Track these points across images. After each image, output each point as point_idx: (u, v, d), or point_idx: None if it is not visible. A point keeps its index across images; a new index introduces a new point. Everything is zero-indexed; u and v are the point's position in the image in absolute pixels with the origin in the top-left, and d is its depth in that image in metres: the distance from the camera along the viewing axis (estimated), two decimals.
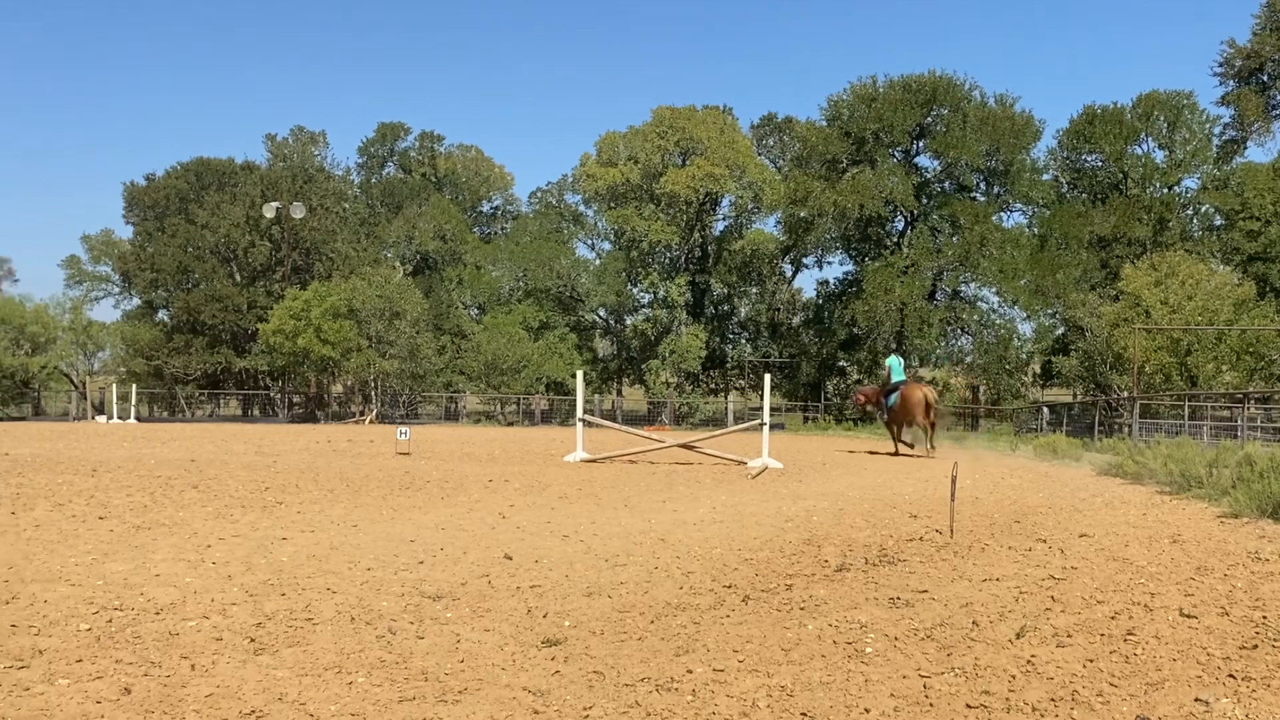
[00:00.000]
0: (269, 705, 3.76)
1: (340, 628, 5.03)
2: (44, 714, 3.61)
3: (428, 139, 73.01)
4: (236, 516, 9.37)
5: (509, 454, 20.84)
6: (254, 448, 21.79)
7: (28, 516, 9.05)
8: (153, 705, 3.73)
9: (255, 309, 54.17)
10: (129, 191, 60.53)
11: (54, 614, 5.19)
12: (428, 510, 10.22)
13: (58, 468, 14.58)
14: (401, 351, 50.82)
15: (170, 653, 4.48)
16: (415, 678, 4.18)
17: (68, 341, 50.41)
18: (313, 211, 56.22)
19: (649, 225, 55.76)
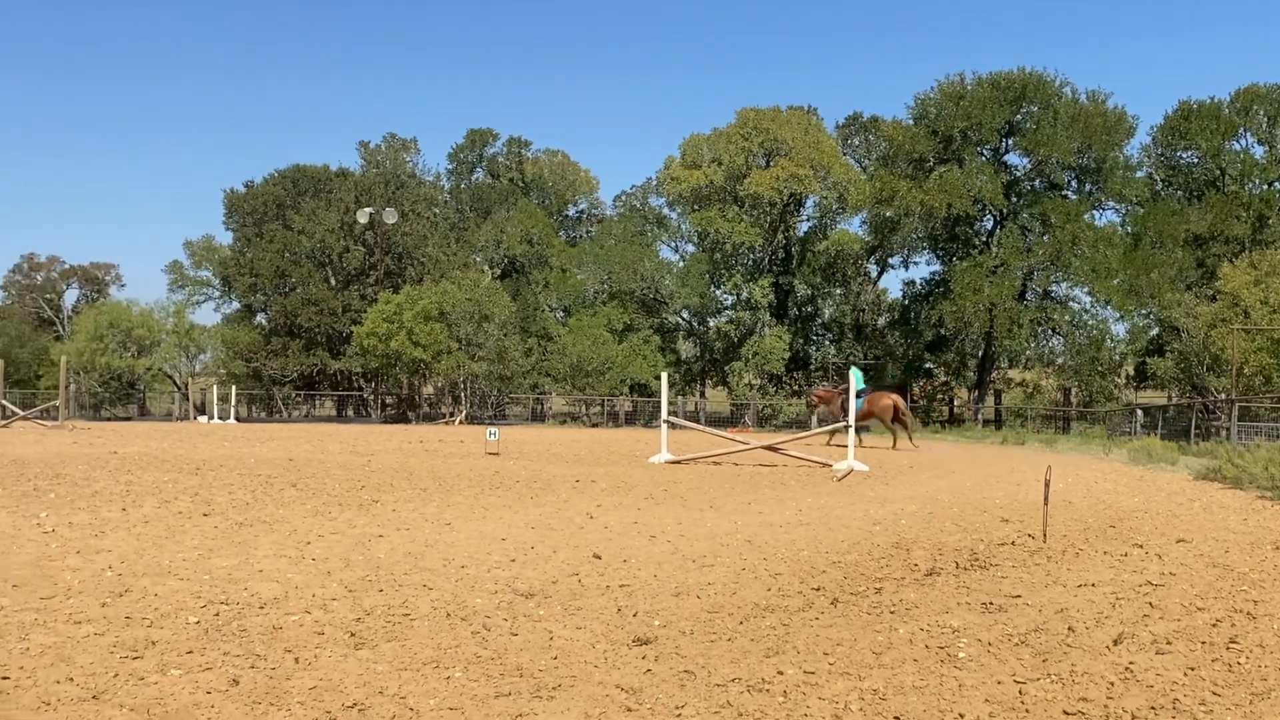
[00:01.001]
0: (370, 699, 3.85)
1: (436, 623, 5.12)
2: (158, 703, 3.74)
3: (515, 144, 73.73)
4: (334, 514, 9.58)
5: (594, 455, 20.96)
6: (349, 447, 22.24)
7: (137, 513, 9.37)
8: (259, 697, 3.85)
9: (349, 312, 55.27)
10: (229, 198, 62.22)
11: (164, 607, 5.37)
12: (518, 509, 10.33)
13: (164, 466, 15.06)
14: (490, 354, 51.44)
15: (274, 646, 4.61)
16: (510, 673, 4.24)
17: (171, 344, 51.97)
18: (404, 217, 57.18)
19: (732, 227, 55.57)
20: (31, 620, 4.99)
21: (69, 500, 10.23)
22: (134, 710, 3.66)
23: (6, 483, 11.87)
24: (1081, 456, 22.69)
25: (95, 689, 3.90)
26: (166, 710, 3.66)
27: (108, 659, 4.34)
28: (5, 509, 9.37)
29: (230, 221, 62.20)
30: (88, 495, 10.73)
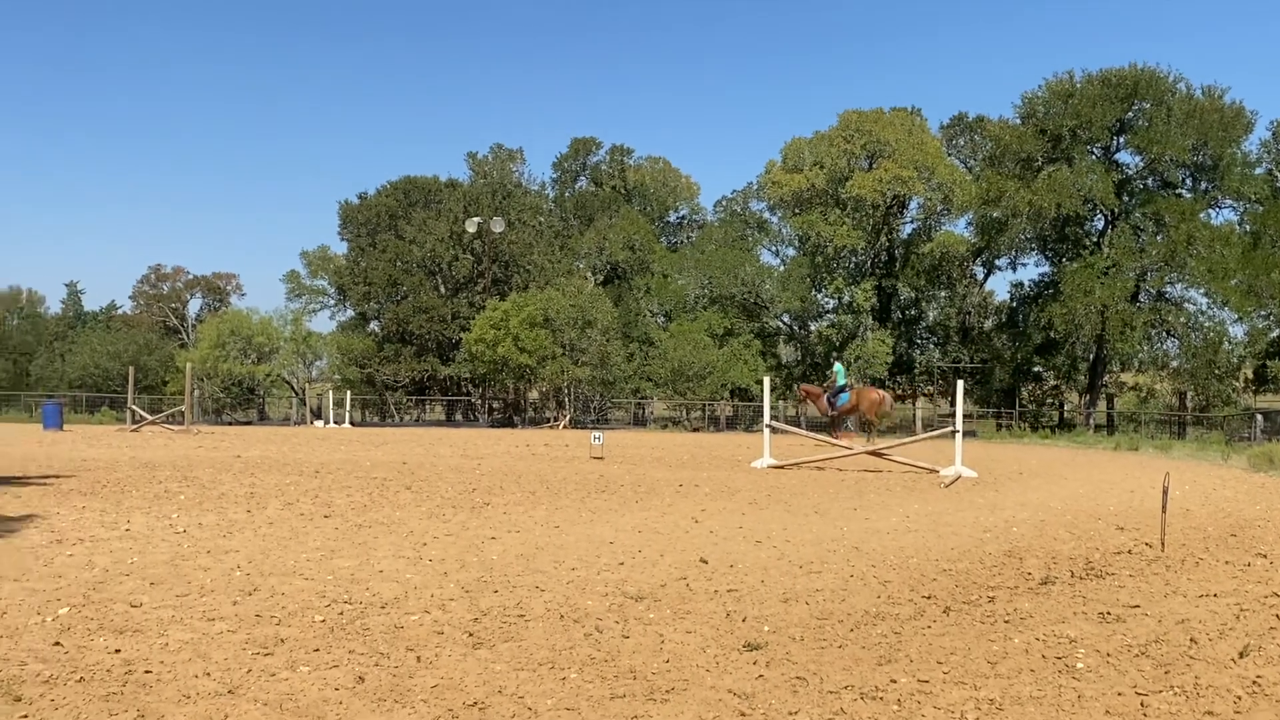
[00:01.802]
0: (490, 697, 3.93)
1: (550, 625, 5.20)
2: (289, 699, 3.88)
3: (618, 152, 74.22)
4: (448, 516, 9.78)
5: (697, 459, 20.96)
6: (459, 451, 22.65)
7: (262, 514, 9.70)
8: (384, 694, 3.96)
9: (458, 319, 56.26)
10: (343, 210, 63.89)
11: (291, 605, 5.55)
12: (623, 513, 10.40)
13: (285, 469, 15.55)
14: (593, 359, 51.83)
15: (397, 644, 4.74)
16: (624, 676, 4.28)
17: (289, 351, 53.54)
18: (511, 225, 58.00)
19: (834, 230, 55.03)
20: (169, 617, 5.21)
21: (198, 502, 10.65)
22: (267, 705, 3.80)
23: (140, 485, 12.40)
24: (1198, 463, 21.89)
25: (230, 684, 4.07)
26: (298, 706, 3.80)
27: (240, 655, 4.52)
28: (140, 510, 9.79)
29: (345, 232, 63.88)
30: (215, 497, 11.15)
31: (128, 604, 5.49)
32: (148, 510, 9.79)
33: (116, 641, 4.70)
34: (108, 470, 14.76)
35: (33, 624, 4.99)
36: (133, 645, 4.64)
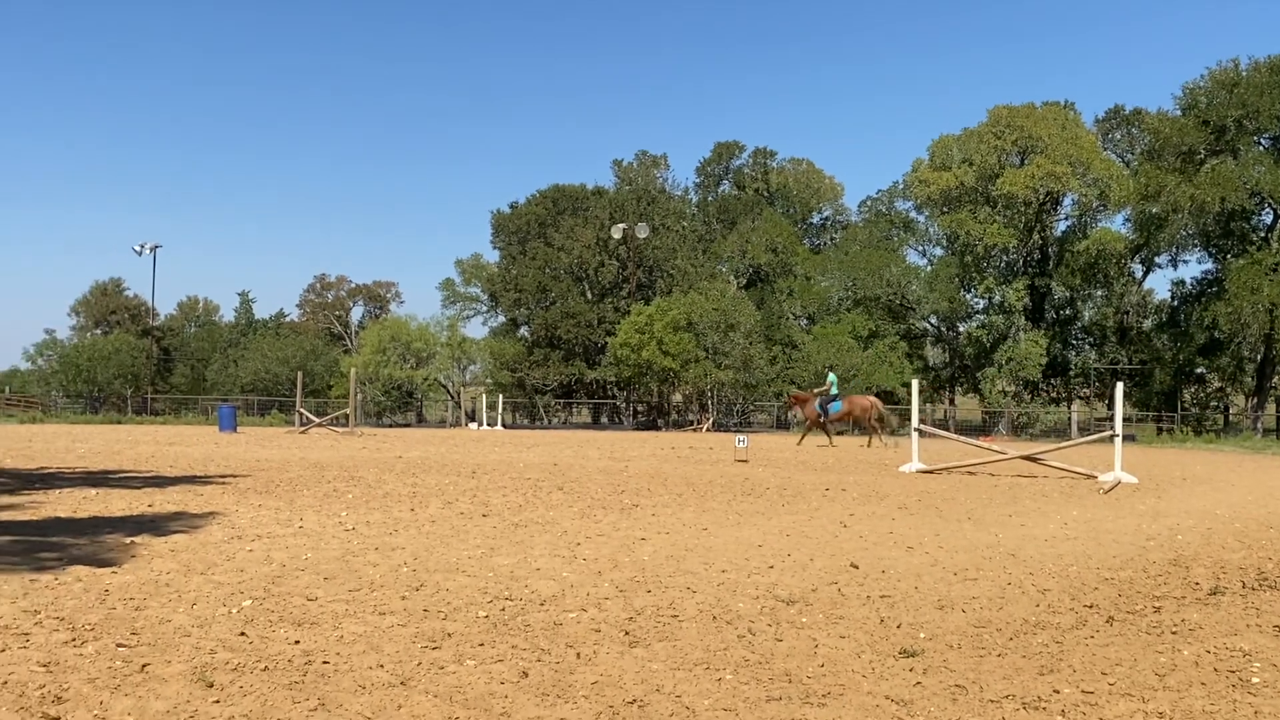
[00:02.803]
0: (648, 695, 3.99)
1: (704, 625, 5.24)
2: (458, 691, 4.02)
3: (761, 155, 73.96)
4: (599, 517, 9.93)
5: (842, 463, 20.69)
6: (606, 453, 22.94)
7: (424, 513, 10.04)
8: (547, 689, 4.06)
9: (604, 324, 56.98)
10: (495, 219, 65.46)
11: (456, 601, 5.74)
12: (771, 516, 10.36)
13: (443, 469, 16.04)
14: (736, 362, 51.75)
15: (557, 641, 4.85)
16: (779, 678, 4.29)
17: (445, 356, 55.15)
18: (655, 231, 58.43)
19: (984, 228, 53.58)
20: (343, 610, 5.45)
21: (364, 501, 11.09)
22: (438, 697, 3.95)
23: (311, 484, 12.98)
24: None
25: (402, 675, 4.24)
26: (466, 698, 3.93)
27: (410, 648, 4.70)
28: (312, 508, 10.26)
29: (497, 240, 65.48)
30: (380, 496, 11.59)
31: (304, 597, 5.77)
32: (318, 508, 10.25)
33: (296, 633, 4.94)
34: (280, 470, 15.50)
35: (220, 615, 5.29)
36: (310, 637, 4.87)
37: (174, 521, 8.96)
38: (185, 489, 12.12)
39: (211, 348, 69.95)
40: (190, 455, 19.38)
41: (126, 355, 59.91)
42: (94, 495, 11.16)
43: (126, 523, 8.83)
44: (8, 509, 9.78)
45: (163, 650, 4.56)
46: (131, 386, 58.75)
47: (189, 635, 4.84)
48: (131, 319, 75.70)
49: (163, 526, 8.59)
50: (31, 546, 7.36)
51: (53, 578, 6.15)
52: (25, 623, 4.99)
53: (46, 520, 8.96)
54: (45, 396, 60.16)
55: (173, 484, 12.83)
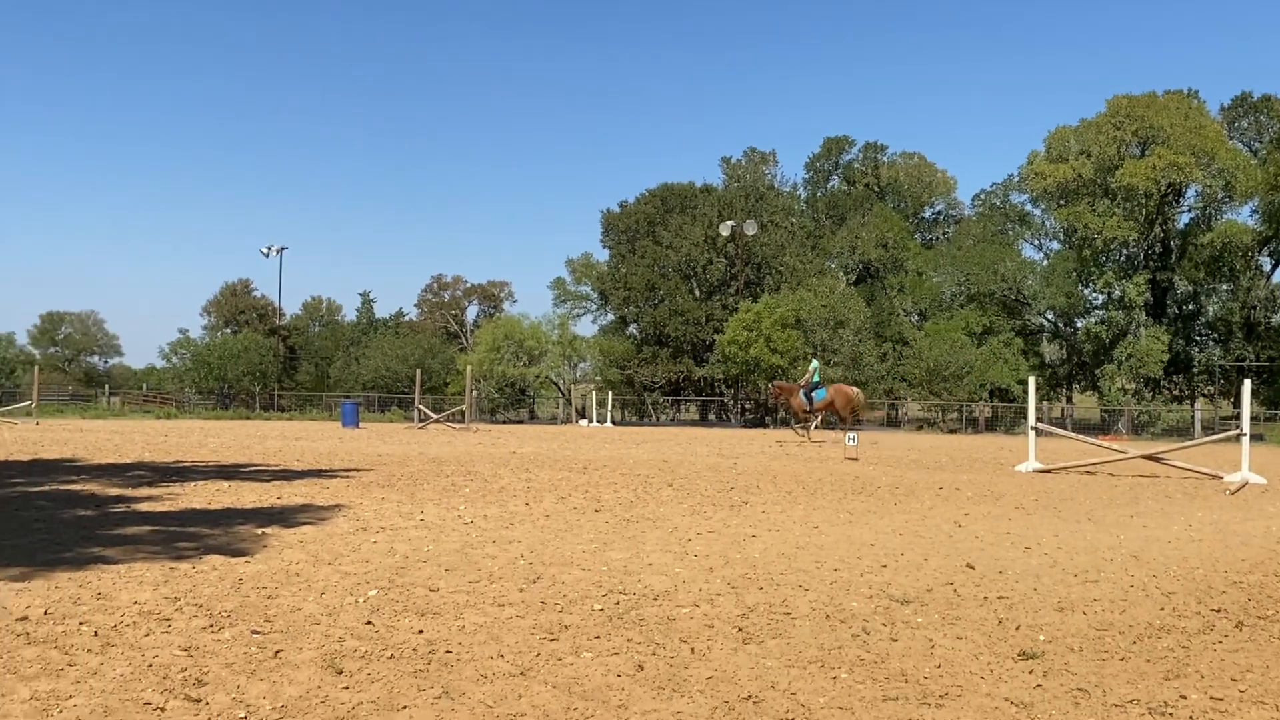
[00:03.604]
0: (763, 692, 3.98)
1: (817, 624, 5.21)
2: (576, 683, 4.08)
3: (871, 149, 72.94)
4: (709, 514, 9.94)
5: (955, 462, 20.29)
6: (714, 450, 22.92)
7: (539, 507, 10.19)
8: (663, 682, 4.09)
9: (712, 321, 56.90)
10: (605, 218, 65.92)
11: (571, 594, 5.82)
12: (883, 515, 10.23)
13: (556, 465, 16.24)
14: (845, 359, 51.13)
15: (670, 635, 4.88)
16: (895, 678, 4.24)
17: (556, 354, 55.79)
18: (764, 228, 58.11)
19: (1103, 221, 51.87)
20: (464, 601, 5.57)
21: (481, 495, 11.31)
22: (556, 687, 4.01)
23: (430, 479, 13.30)
24: None
25: (522, 666, 4.32)
26: (584, 690, 3.99)
27: (529, 639, 4.78)
28: (432, 502, 10.51)
29: (607, 239, 65.94)
30: (496, 491, 11.80)
31: (427, 588, 5.91)
32: (438, 502, 10.50)
33: (419, 623, 5.07)
34: (400, 465, 15.91)
35: (347, 604, 5.46)
36: (433, 626, 4.99)
37: (302, 513, 9.28)
38: (312, 482, 12.54)
39: (334, 346, 72.03)
40: (315, 450, 20.01)
41: (255, 353, 62.11)
42: (226, 488, 11.62)
43: (257, 514, 9.18)
44: (147, 500, 10.25)
45: (294, 637, 4.74)
46: (259, 383, 60.90)
47: (318, 623, 5.02)
48: (259, 318, 78.45)
49: (291, 518, 8.91)
50: (170, 536, 7.71)
51: (190, 566, 6.44)
52: (166, 609, 5.24)
53: (183, 511, 9.37)
54: (179, 393, 62.75)
55: (300, 477, 13.28)
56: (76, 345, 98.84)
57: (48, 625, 4.84)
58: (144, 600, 5.41)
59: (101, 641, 4.58)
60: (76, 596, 5.47)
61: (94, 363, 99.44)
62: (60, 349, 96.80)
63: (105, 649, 4.46)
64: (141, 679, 4.02)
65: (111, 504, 9.88)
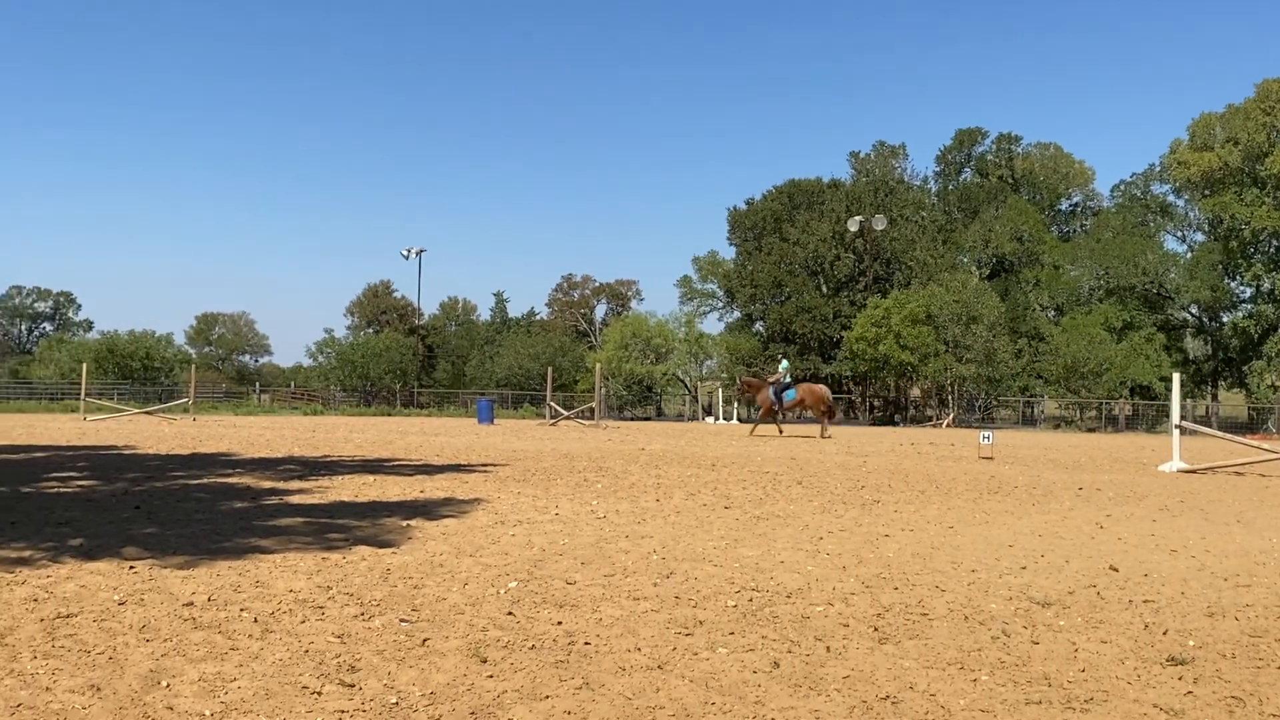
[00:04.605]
0: (901, 692, 3.93)
1: (954, 625, 5.10)
2: (712, 677, 4.10)
3: (1005, 141, 70.89)
4: (840, 512, 9.83)
5: (1095, 461, 19.57)
6: (844, 448, 22.64)
7: (669, 503, 10.24)
8: (799, 680, 4.07)
9: (839, 318, 56.17)
10: (732, 216, 65.74)
11: (704, 589, 5.84)
12: (1020, 516, 9.95)
13: (684, 462, 16.29)
14: (978, 355, 49.83)
15: (805, 633, 4.85)
16: (1037, 681, 4.13)
17: (682, 351, 55.89)
18: (893, 222, 57.09)
19: (1251, 211, 49.30)
20: (600, 595, 5.65)
21: (612, 490, 11.43)
22: (693, 682, 4.03)
23: (563, 474, 13.50)
24: None
25: (658, 659, 4.35)
26: (721, 685, 4.00)
27: (664, 633, 4.81)
28: (566, 497, 10.67)
29: (733, 237, 65.75)
30: (626, 486, 11.91)
31: (564, 581, 6.01)
32: (571, 497, 10.66)
33: (558, 615, 5.16)
34: (534, 460, 16.20)
35: (489, 595, 5.59)
36: (572, 618, 5.08)
37: (443, 507, 9.54)
38: (451, 476, 12.88)
39: (470, 345, 73.72)
40: (454, 445, 20.53)
41: (395, 352, 64.02)
42: (371, 481, 12.03)
43: (401, 507, 9.48)
44: (299, 493, 10.69)
45: (440, 626, 4.88)
46: (399, 381, 62.76)
47: (462, 613, 5.15)
48: (399, 318, 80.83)
49: (434, 511, 9.17)
50: (321, 528, 8.03)
51: (341, 557, 6.69)
52: (320, 597, 5.46)
53: (332, 504, 9.74)
54: (325, 390, 65.14)
55: (440, 472, 13.66)
56: (229, 345, 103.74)
57: (211, 611, 5.10)
58: (299, 588, 5.65)
59: (261, 627, 4.79)
60: (237, 584, 5.75)
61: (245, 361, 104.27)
62: (214, 348, 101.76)
63: (265, 634, 4.67)
64: (299, 664, 4.20)
65: (265, 496, 10.34)
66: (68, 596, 5.33)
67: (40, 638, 4.50)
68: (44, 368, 62.77)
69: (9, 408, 45.46)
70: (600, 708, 3.71)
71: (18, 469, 13.17)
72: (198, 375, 46.53)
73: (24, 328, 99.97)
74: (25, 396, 54.25)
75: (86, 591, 5.45)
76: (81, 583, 5.67)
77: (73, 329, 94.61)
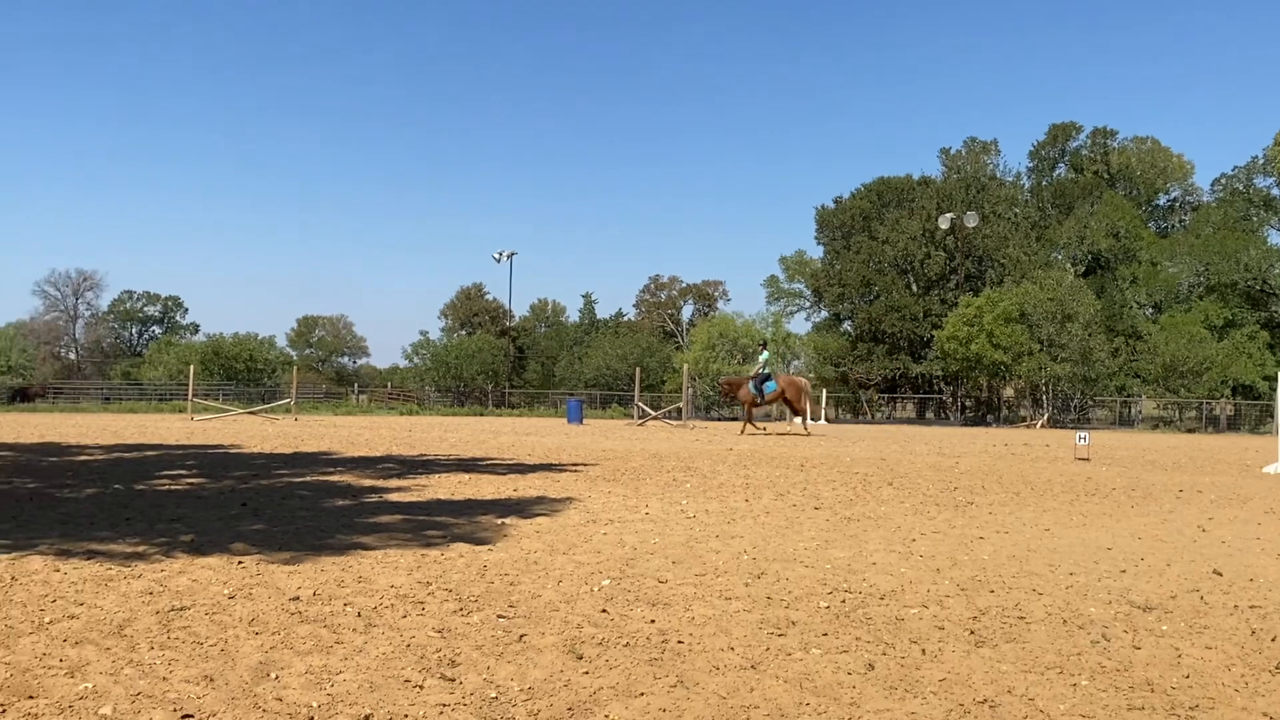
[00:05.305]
0: (999, 697, 3.86)
1: (1052, 629, 5.00)
2: (806, 678, 4.08)
3: (1100, 135, 68.96)
4: (932, 514, 9.69)
5: (1195, 462, 18.93)
6: (934, 449, 22.28)
7: (758, 503, 10.21)
8: (894, 682, 4.03)
9: (930, 317, 55.29)
10: (819, 214, 65.19)
11: (796, 590, 5.81)
12: (1118, 518, 9.69)
13: (772, 462, 16.21)
14: (1073, 354, 48.57)
15: (899, 636, 4.80)
16: (1139, 687, 4.02)
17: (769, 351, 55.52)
18: (985, 219, 55.99)
19: None
20: (691, 594, 5.66)
21: (701, 490, 11.43)
22: (788, 682, 4.02)
23: (652, 474, 13.55)
24: None
25: (752, 659, 4.35)
26: (815, 685, 3.98)
27: (757, 633, 4.81)
28: (655, 496, 10.71)
29: (820, 236, 65.19)
30: (715, 486, 11.90)
31: (655, 579, 6.04)
32: (661, 496, 10.69)
33: (650, 613, 5.19)
34: (624, 460, 16.28)
35: (583, 592, 5.65)
36: (664, 617, 5.10)
37: (536, 505, 9.66)
38: (543, 475, 13.02)
39: (559, 346, 74.39)
40: (544, 445, 20.75)
41: (487, 353, 64.93)
42: (467, 480, 12.23)
43: (496, 505, 9.62)
44: (397, 491, 10.92)
45: (536, 623, 4.95)
46: (491, 382, 63.60)
47: (558, 610, 5.22)
48: (491, 320, 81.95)
49: (527, 509, 9.29)
50: (419, 525, 8.19)
51: (439, 553, 6.82)
52: (420, 593, 5.58)
53: (430, 501, 9.93)
54: (420, 390, 66.33)
55: (532, 471, 13.82)
56: (329, 347, 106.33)
57: (317, 605, 5.24)
58: (399, 584, 5.78)
59: (364, 622, 4.92)
60: (340, 579, 5.90)
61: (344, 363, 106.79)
62: (315, 350, 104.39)
63: (368, 629, 4.79)
64: (401, 658, 4.30)
65: (365, 494, 10.58)
66: (180, 590, 5.53)
67: (156, 629, 4.68)
68: (153, 369, 65.10)
69: (121, 408, 47.30)
70: (695, 706, 3.72)
71: (131, 467, 13.69)
72: (299, 376, 47.79)
73: (134, 331, 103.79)
74: (136, 397, 56.39)
75: (198, 585, 5.65)
76: (193, 577, 5.88)
77: (180, 332, 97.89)
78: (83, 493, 10.20)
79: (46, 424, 29.28)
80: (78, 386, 66.62)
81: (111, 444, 19.07)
